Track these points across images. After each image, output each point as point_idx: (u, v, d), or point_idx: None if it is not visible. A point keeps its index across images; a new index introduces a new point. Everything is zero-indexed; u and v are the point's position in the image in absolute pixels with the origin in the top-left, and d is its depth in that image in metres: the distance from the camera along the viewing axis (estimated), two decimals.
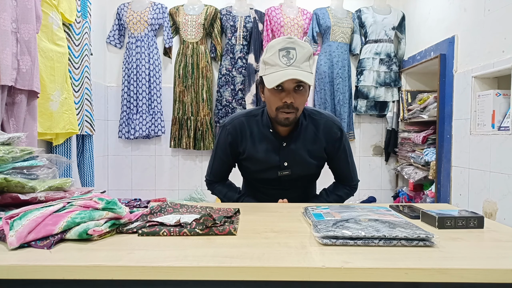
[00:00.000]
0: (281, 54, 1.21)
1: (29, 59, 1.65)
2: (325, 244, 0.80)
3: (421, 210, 1.06)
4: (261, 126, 1.39)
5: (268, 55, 1.24)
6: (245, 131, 1.39)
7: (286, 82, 1.21)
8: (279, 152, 1.38)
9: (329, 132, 1.39)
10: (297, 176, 1.40)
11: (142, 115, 3.21)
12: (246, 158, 1.41)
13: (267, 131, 1.38)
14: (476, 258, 0.75)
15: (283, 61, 1.20)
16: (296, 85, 1.23)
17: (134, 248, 0.78)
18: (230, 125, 1.40)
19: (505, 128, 2.00)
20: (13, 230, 0.77)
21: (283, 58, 1.20)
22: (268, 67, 1.24)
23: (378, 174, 3.56)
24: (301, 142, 1.38)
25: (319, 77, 3.35)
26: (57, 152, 2.10)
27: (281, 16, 3.28)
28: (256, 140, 1.38)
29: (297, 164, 1.38)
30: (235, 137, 1.39)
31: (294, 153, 1.38)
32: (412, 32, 3.28)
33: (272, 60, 1.22)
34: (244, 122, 1.40)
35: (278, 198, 1.41)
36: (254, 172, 1.44)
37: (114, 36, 3.31)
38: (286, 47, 1.21)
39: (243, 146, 1.39)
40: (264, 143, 1.38)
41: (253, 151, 1.38)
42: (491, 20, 2.14)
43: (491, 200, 2.09)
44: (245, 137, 1.39)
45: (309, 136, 1.38)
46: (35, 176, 1.01)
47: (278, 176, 1.39)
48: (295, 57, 1.20)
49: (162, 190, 3.44)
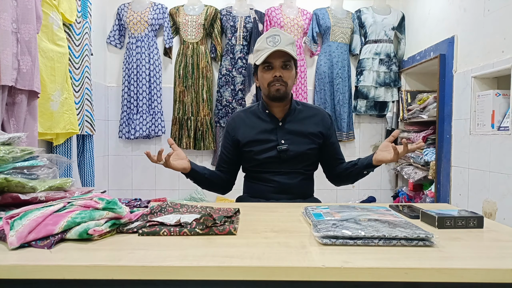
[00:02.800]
0: (268, 40, 1.43)
1: (29, 59, 1.65)
2: (325, 244, 0.81)
3: (421, 210, 1.06)
4: (258, 113, 1.57)
5: (258, 44, 1.47)
6: (243, 121, 1.57)
7: (274, 60, 1.43)
8: (276, 132, 1.52)
9: (322, 118, 1.58)
10: (295, 153, 1.50)
11: (143, 115, 3.22)
12: (246, 143, 1.53)
13: (263, 115, 1.55)
14: (476, 258, 0.76)
15: (270, 44, 1.42)
16: (283, 63, 1.44)
17: (134, 248, 0.78)
18: (231, 119, 1.62)
19: (505, 128, 2.00)
20: (13, 230, 0.77)
21: (270, 42, 1.43)
22: (258, 53, 1.46)
23: (377, 174, 3.56)
24: (296, 122, 1.54)
25: (319, 77, 3.35)
26: (58, 152, 2.11)
27: (281, 17, 3.29)
28: (253, 125, 1.55)
29: (294, 141, 1.51)
30: (234, 126, 1.57)
31: (290, 131, 1.52)
32: (412, 32, 3.28)
33: (261, 46, 1.44)
34: (242, 114, 1.60)
35: (280, 186, 1.49)
36: (256, 154, 1.52)
37: (115, 36, 3.31)
38: (272, 35, 1.44)
39: (241, 132, 1.55)
40: (261, 125, 1.54)
41: (251, 134, 1.53)
42: (491, 20, 2.14)
43: (491, 200, 2.09)
44: (244, 125, 1.56)
45: (303, 118, 1.56)
46: (36, 176, 1.01)
47: (278, 152, 1.49)
48: (280, 41, 1.42)
49: (162, 190, 3.44)
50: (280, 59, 1.43)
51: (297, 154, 1.50)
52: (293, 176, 1.53)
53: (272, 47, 1.40)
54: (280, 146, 1.49)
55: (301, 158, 1.52)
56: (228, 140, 1.58)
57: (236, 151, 1.58)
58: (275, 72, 1.44)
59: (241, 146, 1.54)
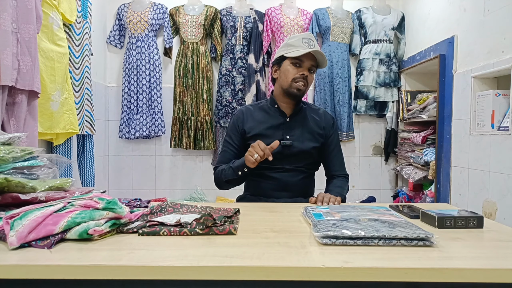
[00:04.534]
0: (304, 40, 1.49)
1: (29, 59, 1.65)
2: (325, 244, 0.81)
3: (421, 210, 1.06)
4: (266, 108, 1.61)
5: (292, 40, 1.51)
6: (251, 114, 1.61)
7: (306, 60, 1.49)
8: (283, 127, 1.56)
9: (325, 119, 1.63)
10: (298, 150, 1.52)
11: (143, 115, 3.22)
12: (252, 136, 1.55)
13: (272, 109, 1.60)
14: (476, 258, 0.76)
15: (305, 45, 1.48)
16: (311, 66, 1.51)
17: (134, 248, 0.78)
18: (238, 111, 1.64)
19: (505, 128, 2.00)
20: (13, 230, 0.77)
21: (305, 43, 1.48)
22: (291, 48, 1.50)
23: (377, 174, 3.56)
24: (302, 119, 1.59)
25: (319, 77, 3.35)
26: (58, 152, 2.10)
27: (281, 17, 3.29)
28: (261, 119, 1.58)
29: (298, 138, 1.54)
30: (242, 118, 1.60)
31: (296, 127, 1.56)
32: (411, 32, 3.28)
33: (296, 43, 1.49)
34: (251, 107, 1.64)
35: (281, 184, 1.51)
36: None
37: (115, 36, 3.31)
38: (308, 38, 1.50)
39: (248, 124, 1.58)
40: (269, 120, 1.57)
41: (258, 128, 1.56)
42: (491, 20, 2.14)
43: (491, 200, 2.09)
44: (251, 118, 1.59)
45: (309, 117, 1.61)
46: (36, 176, 1.01)
47: (281, 147, 1.50)
48: (314, 46, 1.49)
49: (162, 190, 3.44)
50: (311, 62, 1.50)
51: (300, 151, 1.53)
52: (294, 174, 1.54)
53: (308, 48, 1.46)
54: (284, 141, 1.51)
55: (303, 155, 1.54)
56: (236, 131, 1.58)
57: (242, 141, 1.58)
58: (304, 70, 1.50)
59: (247, 138, 1.56)
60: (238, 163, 1.46)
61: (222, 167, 1.54)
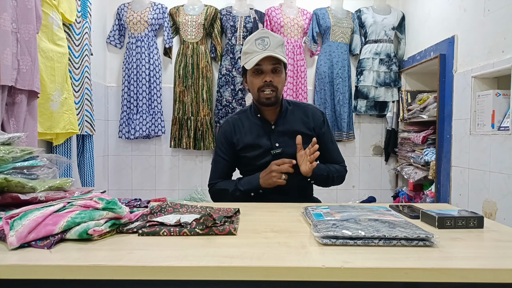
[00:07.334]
0: (257, 42, 1.40)
1: (29, 59, 1.65)
2: (325, 244, 0.80)
3: (421, 210, 1.06)
4: (250, 117, 1.55)
5: (246, 46, 1.43)
6: (238, 125, 1.55)
7: (264, 64, 1.40)
8: (269, 135, 1.51)
9: (314, 116, 1.56)
10: (291, 156, 1.45)
11: (142, 115, 3.22)
12: (241, 148, 1.52)
13: (255, 119, 1.53)
14: (476, 258, 0.76)
15: (259, 47, 1.39)
16: (272, 67, 1.41)
17: (134, 248, 0.78)
18: (225, 123, 1.59)
19: (505, 128, 2.00)
20: (13, 230, 0.77)
21: (259, 45, 1.39)
22: (247, 56, 1.42)
23: (378, 174, 3.56)
24: (289, 123, 1.52)
25: (319, 77, 3.35)
26: (57, 152, 2.10)
27: (281, 16, 3.28)
28: (248, 130, 1.53)
29: (287, 143, 1.49)
30: (230, 131, 1.55)
31: (283, 134, 1.51)
32: (412, 32, 3.28)
33: (250, 49, 1.41)
34: (237, 118, 1.58)
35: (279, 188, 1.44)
36: (252, 160, 1.51)
37: (114, 36, 3.31)
38: (261, 37, 1.40)
39: (237, 136, 1.53)
40: (255, 130, 1.52)
41: (246, 139, 1.52)
42: (491, 20, 2.14)
43: (491, 200, 2.09)
44: (239, 129, 1.54)
45: (296, 118, 1.54)
46: (35, 176, 1.01)
47: (272, 157, 1.47)
48: (269, 43, 1.39)
49: (162, 190, 3.44)
50: (270, 64, 1.40)
51: (292, 156, 1.46)
52: (291, 177, 1.49)
53: (261, 51, 1.37)
54: (274, 150, 1.48)
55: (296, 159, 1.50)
56: (226, 144, 1.55)
57: (234, 154, 1.56)
58: (265, 77, 1.41)
59: (237, 149, 1.53)
60: (249, 185, 1.45)
61: (223, 187, 1.52)
